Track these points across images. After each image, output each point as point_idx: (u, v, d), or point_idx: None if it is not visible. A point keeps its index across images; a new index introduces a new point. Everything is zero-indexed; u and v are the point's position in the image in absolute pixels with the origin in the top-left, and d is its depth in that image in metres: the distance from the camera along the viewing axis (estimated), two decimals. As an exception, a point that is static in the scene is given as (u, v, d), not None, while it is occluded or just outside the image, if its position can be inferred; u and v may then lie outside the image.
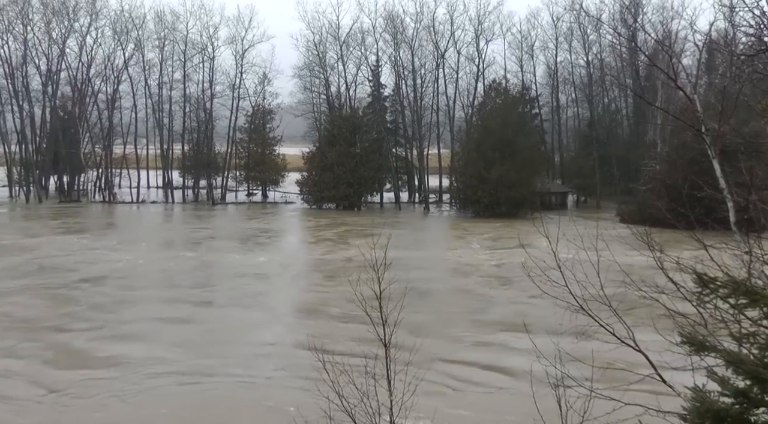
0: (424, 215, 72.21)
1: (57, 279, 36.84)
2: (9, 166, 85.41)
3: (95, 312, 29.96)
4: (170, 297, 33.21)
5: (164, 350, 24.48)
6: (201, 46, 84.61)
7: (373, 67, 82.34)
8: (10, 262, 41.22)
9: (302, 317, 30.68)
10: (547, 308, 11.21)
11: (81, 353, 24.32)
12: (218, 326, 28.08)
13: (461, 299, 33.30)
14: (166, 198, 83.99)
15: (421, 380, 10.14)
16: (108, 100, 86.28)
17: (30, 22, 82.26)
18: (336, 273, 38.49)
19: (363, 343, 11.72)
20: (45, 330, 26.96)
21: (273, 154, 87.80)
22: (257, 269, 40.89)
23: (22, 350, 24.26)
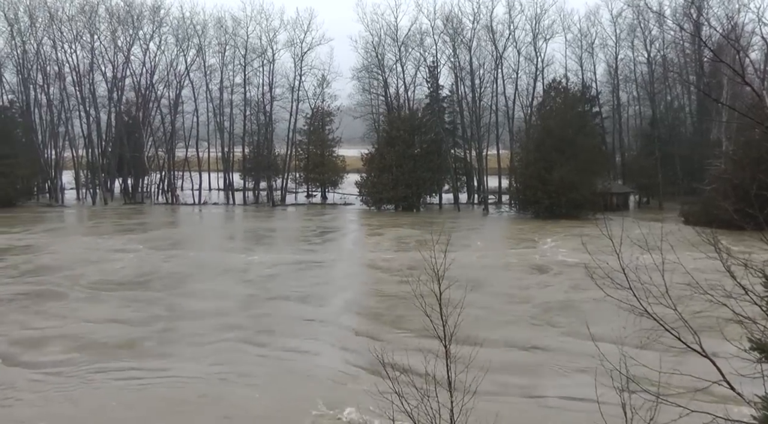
0: (483, 216, 71.70)
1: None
2: (76, 170, 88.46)
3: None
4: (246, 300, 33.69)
5: (248, 330, 24.87)
6: (261, 50, 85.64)
7: (432, 68, 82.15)
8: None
9: (362, 316, 30.68)
10: (610, 311, 11.04)
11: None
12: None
13: (522, 301, 32.90)
14: (227, 200, 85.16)
15: (481, 381, 10.09)
16: (171, 105, 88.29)
17: (97, 31, 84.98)
18: (395, 273, 38.51)
19: (422, 343, 11.73)
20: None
21: (332, 156, 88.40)
22: (318, 267, 41.23)
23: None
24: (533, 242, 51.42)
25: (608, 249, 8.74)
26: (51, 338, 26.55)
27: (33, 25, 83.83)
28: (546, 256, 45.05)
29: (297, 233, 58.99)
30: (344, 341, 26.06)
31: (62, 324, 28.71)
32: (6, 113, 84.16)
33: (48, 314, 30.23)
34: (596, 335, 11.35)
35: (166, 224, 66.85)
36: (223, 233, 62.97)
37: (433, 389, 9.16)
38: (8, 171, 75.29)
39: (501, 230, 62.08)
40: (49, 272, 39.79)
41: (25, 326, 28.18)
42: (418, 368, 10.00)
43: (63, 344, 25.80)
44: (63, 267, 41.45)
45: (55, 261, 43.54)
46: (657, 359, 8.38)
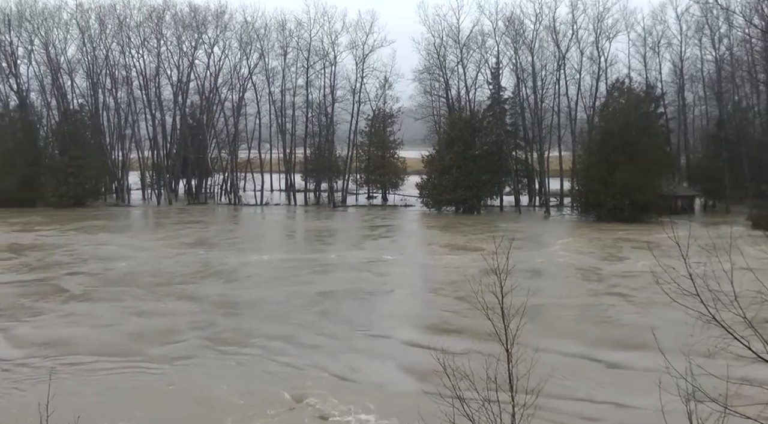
0: (545, 219, 70.97)
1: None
2: (142, 171, 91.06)
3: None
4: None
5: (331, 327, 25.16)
6: (323, 52, 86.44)
7: (493, 70, 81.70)
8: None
9: (422, 319, 30.64)
10: (677, 319, 10.83)
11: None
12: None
13: (583, 306, 32.37)
14: (289, 201, 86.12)
15: (543, 388, 10.01)
16: (234, 108, 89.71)
17: (163, 37, 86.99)
18: (456, 274, 38.38)
19: (484, 345, 11.67)
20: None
21: (393, 158, 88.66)
22: (379, 268, 41.37)
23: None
24: (586, 246, 50.55)
25: (675, 254, 8.58)
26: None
27: (103, 32, 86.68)
28: (608, 259, 44.31)
29: (358, 233, 59.25)
30: (403, 344, 26.05)
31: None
32: (76, 117, 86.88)
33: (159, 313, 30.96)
34: (662, 343, 11.13)
35: (229, 224, 68.09)
36: (298, 234, 63.87)
37: (494, 393, 9.14)
38: (78, 172, 78.10)
39: (562, 233, 61.24)
40: (122, 272, 40.79)
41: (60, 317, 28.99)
42: (479, 371, 9.94)
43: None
44: (130, 264, 42.52)
45: (131, 265, 44.51)
46: (725, 369, 8.18)
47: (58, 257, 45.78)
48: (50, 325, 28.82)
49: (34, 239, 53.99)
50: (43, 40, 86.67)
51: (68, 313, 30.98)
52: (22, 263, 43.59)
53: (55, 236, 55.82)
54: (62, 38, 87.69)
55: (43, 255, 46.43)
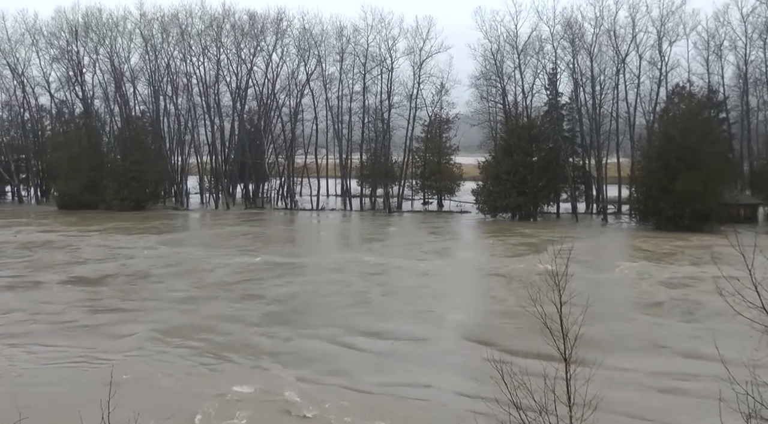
0: (602, 226, 69.86)
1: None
2: (201, 175, 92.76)
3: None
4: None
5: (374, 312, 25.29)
6: (380, 58, 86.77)
7: (551, 75, 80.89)
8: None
9: (479, 326, 30.46)
10: (740, 331, 10.60)
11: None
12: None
13: (640, 317, 31.72)
14: (344, 206, 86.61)
15: (602, 398, 9.90)
16: (291, 113, 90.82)
17: (222, 44, 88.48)
18: (513, 282, 38.14)
19: (542, 356, 11.60)
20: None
21: (449, 164, 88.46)
22: (433, 273, 41.31)
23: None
24: (644, 256, 49.53)
25: (738, 263, 8.42)
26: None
27: (165, 41, 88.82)
28: (668, 270, 43.35)
29: (415, 238, 59.21)
30: (458, 350, 25.96)
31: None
32: (138, 123, 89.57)
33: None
34: (724, 357, 10.89)
35: (310, 228, 68.83)
36: (360, 237, 64.19)
37: (552, 403, 9.09)
38: (139, 176, 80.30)
39: (621, 241, 60.29)
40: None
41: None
42: (537, 380, 9.89)
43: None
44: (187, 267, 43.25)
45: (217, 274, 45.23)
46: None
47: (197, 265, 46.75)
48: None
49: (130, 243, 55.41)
50: (108, 49, 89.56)
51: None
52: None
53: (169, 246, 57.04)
54: (126, 47, 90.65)
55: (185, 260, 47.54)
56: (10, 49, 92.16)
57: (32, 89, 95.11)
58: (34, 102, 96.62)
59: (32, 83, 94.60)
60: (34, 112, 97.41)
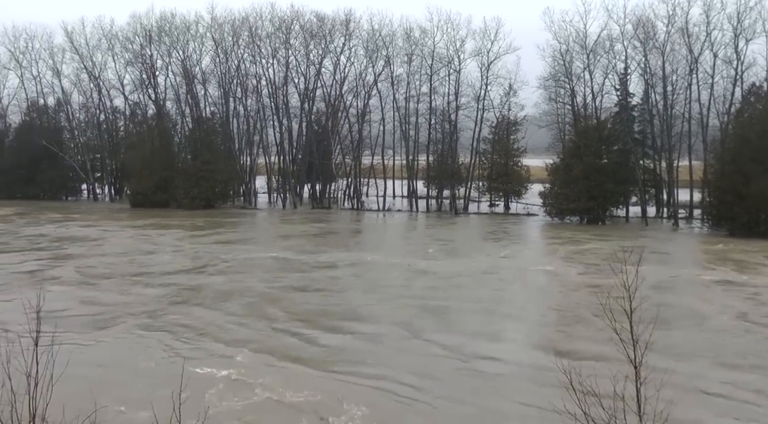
0: (672, 231, 68.14)
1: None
2: (269, 175, 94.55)
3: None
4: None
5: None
6: (447, 59, 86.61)
7: (621, 76, 79.33)
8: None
9: (549, 329, 30.14)
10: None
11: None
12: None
13: (714, 328, 30.69)
14: (410, 207, 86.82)
15: (673, 408, 9.73)
16: (358, 114, 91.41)
17: (291, 47, 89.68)
18: (582, 286, 37.65)
19: (612, 361, 11.45)
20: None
21: (516, 166, 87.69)
22: (501, 276, 41.06)
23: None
24: (718, 263, 48.02)
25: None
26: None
27: (235, 44, 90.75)
28: (750, 279, 41.85)
29: (482, 241, 58.99)
30: (525, 353, 25.74)
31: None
32: (208, 124, 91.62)
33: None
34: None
35: (379, 229, 69.20)
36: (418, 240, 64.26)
37: (621, 411, 8.98)
38: (208, 176, 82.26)
39: (693, 247, 58.82)
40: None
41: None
42: (606, 388, 9.77)
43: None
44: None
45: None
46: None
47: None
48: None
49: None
50: (180, 52, 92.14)
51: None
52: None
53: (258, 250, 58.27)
54: (197, 50, 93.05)
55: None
56: (88, 53, 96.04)
57: (108, 92, 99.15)
58: (110, 104, 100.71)
59: (108, 86, 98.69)
60: (109, 114, 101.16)
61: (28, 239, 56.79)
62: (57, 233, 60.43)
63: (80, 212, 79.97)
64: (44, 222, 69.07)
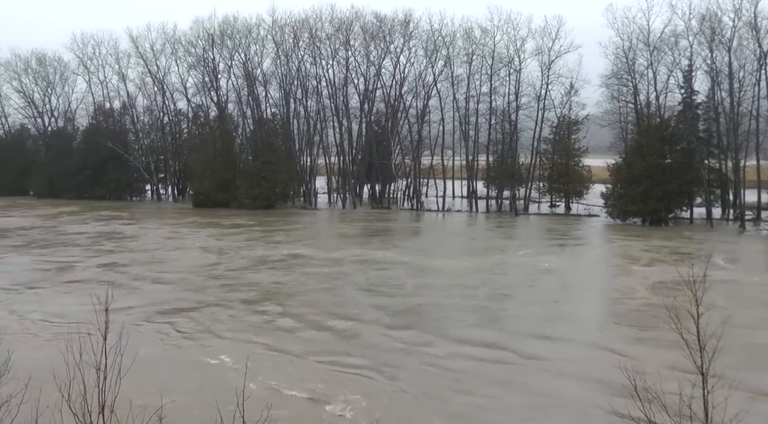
0: (739, 234, 66.04)
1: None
2: (329, 176, 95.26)
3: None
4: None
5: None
6: (508, 59, 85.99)
7: (685, 73, 77.40)
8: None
9: (611, 333, 29.69)
10: None
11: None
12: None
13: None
14: (470, 207, 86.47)
15: (743, 418, 9.49)
16: (418, 115, 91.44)
17: (351, 47, 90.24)
18: (646, 290, 36.96)
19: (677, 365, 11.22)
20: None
21: (577, 166, 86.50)
22: (562, 276, 40.60)
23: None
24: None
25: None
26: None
27: (296, 46, 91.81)
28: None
29: (543, 241, 58.42)
30: (586, 357, 25.39)
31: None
32: (269, 125, 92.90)
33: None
34: None
35: (451, 232, 69.20)
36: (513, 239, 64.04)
37: (687, 418, 8.81)
38: (269, 176, 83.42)
39: (762, 251, 57.10)
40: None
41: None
42: (672, 395, 9.59)
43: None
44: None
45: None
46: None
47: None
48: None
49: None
50: (242, 55, 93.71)
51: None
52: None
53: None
54: (259, 53, 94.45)
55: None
56: (152, 58, 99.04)
57: (171, 95, 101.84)
58: (173, 107, 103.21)
59: (171, 89, 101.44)
60: (173, 116, 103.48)
61: (66, 236, 60.20)
62: (95, 230, 63.90)
63: (130, 211, 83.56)
64: (90, 220, 73.17)
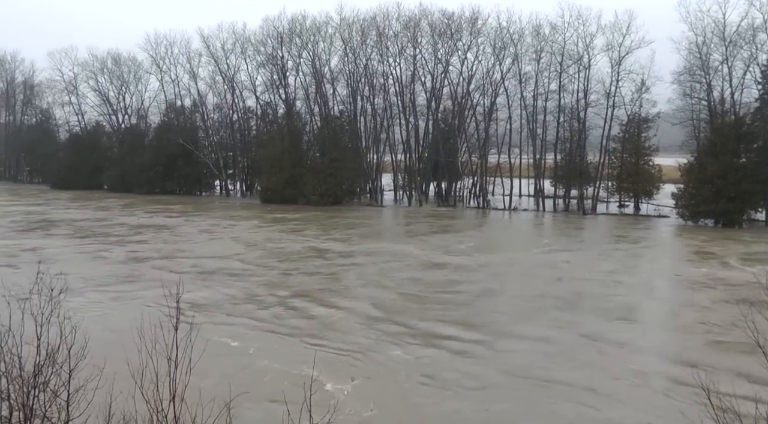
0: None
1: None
2: (395, 173, 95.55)
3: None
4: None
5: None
6: (577, 56, 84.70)
7: (763, 68, 74.75)
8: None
9: (680, 335, 29.00)
10: None
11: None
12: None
13: None
14: (537, 206, 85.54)
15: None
16: (485, 112, 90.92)
17: (419, 45, 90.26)
18: (723, 294, 35.98)
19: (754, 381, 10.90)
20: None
21: (647, 165, 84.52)
22: (632, 280, 39.82)
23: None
24: None
25: None
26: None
27: (364, 43, 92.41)
28: None
29: (612, 242, 57.44)
30: (656, 364, 24.83)
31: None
32: (336, 122, 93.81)
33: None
34: None
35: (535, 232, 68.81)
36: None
37: None
38: (336, 173, 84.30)
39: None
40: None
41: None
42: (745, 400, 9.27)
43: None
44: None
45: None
46: None
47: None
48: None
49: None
50: (310, 53, 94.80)
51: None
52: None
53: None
54: (327, 50, 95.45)
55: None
56: (222, 57, 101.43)
57: (240, 93, 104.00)
58: (242, 104, 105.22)
59: (240, 87, 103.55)
60: (242, 114, 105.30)
61: (108, 226, 63.39)
62: (137, 222, 67.08)
63: (188, 205, 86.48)
64: (139, 212, 77.02)
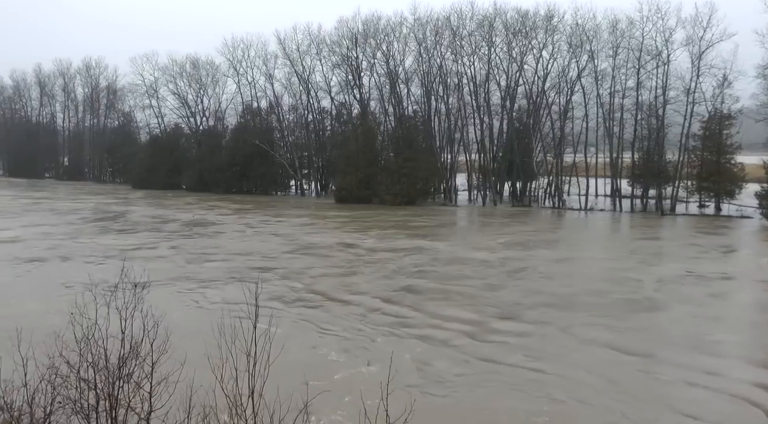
0: None
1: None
2: (469, 173, 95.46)
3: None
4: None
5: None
6: (655, 51, 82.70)
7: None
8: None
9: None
10: None
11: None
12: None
13: None
14: (614, 206, 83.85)
15: None
16: (560, 111, 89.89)
17: (493, 43, 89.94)
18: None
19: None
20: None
21: (729, 164, 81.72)
22: (710, 286, 38.80)
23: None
24: None
25: None
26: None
27: (438, 43, 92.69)
28: None
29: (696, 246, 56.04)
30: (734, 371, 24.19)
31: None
32: (410, 122, 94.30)
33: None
34: None
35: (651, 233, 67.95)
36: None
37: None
38: (410, 173, 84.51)
39: None
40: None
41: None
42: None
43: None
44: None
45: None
46: None
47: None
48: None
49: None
50: (385, 53, 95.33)
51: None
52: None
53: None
54: (401, 51, 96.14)
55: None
56: (298, 58, 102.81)
57: (315, 93, 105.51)
58: (317, 105, 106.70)
59: (315, 88, 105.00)
60: (317, 114, 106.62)
61: (160, 221, 67.42)
62: (187, 220, 69.19)
63: (241, 203, 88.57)
64: (196, 208, 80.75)
